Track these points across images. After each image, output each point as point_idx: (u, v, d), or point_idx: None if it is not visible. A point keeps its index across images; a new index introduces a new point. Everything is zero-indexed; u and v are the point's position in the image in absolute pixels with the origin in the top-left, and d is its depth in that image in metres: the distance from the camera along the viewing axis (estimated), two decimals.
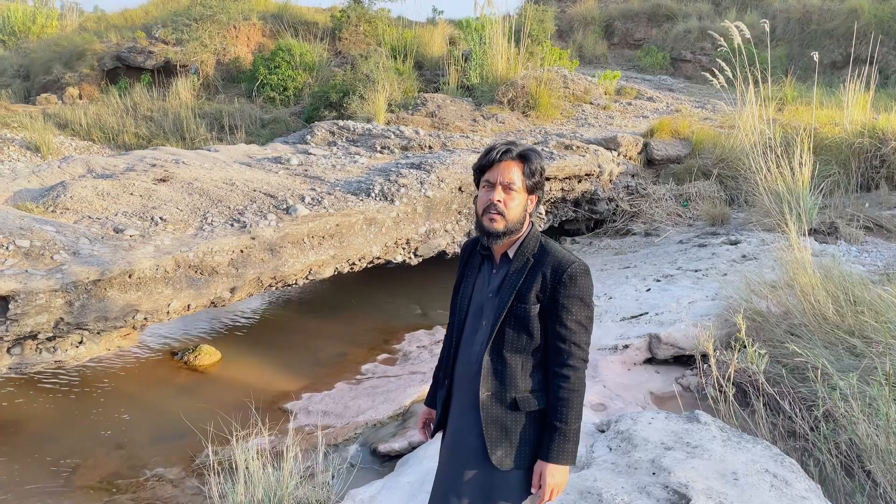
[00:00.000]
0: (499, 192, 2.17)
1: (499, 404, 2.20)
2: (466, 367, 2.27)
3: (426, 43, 13.43)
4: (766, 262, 5.63)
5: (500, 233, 2.19)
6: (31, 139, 10.07)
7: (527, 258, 2.22)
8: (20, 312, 3.92)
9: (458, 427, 2.29)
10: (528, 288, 2.19)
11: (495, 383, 2.20)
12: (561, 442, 2.15)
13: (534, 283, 2.18)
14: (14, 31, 17.18)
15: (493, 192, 2.18)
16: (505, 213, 2.17)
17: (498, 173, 2.18)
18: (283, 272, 5.15)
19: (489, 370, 2.21)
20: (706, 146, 8.94)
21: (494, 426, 2.20)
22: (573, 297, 2.16)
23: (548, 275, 2.18)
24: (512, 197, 2.18)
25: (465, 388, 2.27)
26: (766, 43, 9.44)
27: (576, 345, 2.17)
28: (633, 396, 4.57)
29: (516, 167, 2.19)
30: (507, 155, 2.18)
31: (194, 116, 11.25)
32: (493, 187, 2.19)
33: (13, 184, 5.48)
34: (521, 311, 2.18)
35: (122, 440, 4.53)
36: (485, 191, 2.22)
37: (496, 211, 2.17)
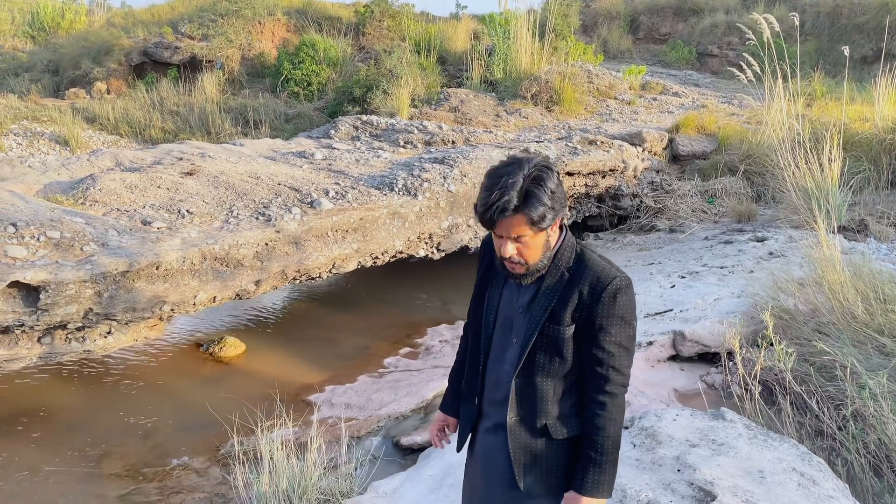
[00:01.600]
0: (510, 246, 1.92)
1: (527, 430, 2.04)
2: (495, 387, 2.10)
3: (449, 38, 13.40)
4: (794, 260, 5.55)
5: (524, 276, 2.00)
6: (60, 133, 10.24)
7: (561, 272, 2.00)
8: (50, 303, 3.99)
9: (488, 447, 2.13)
10: (562, 307, 1.97)
11: (524, 409, 2.03)
12: (596, 474, 1.98)
13: (569, 302, 1.97)
14: (43, 27, 17.45)
15: (503, 245, 1.93)
16: (524, 261, 1.95)
17: (502, 231, 1.90)
18: (307, 265, 5.19)
19: (518, 395, 2.03)
20: (733, 142, 8.83)
21: (523, 452, 2.05)
22: (614, 317, 1.94)
23: (585, 292, 1.96)
24: (525, 243, 1.92)
25: (494, 408, 2.11)
26: (796, 37, 9.28)
27: (615, 369, 1.96)
28: (656, 393, 4.54)
29: (519, 220, 1.86)
30: (503, 215, 1.85)
31: (219, 111, 11.35)
32: (502, 239, 1.93)
33: (44, 176, 5.57)
34: (555, 333, 1.98)
35: (148, 429, 4.60)
36: (496, 238, 1.97)
37: (513, 262, 1.96)
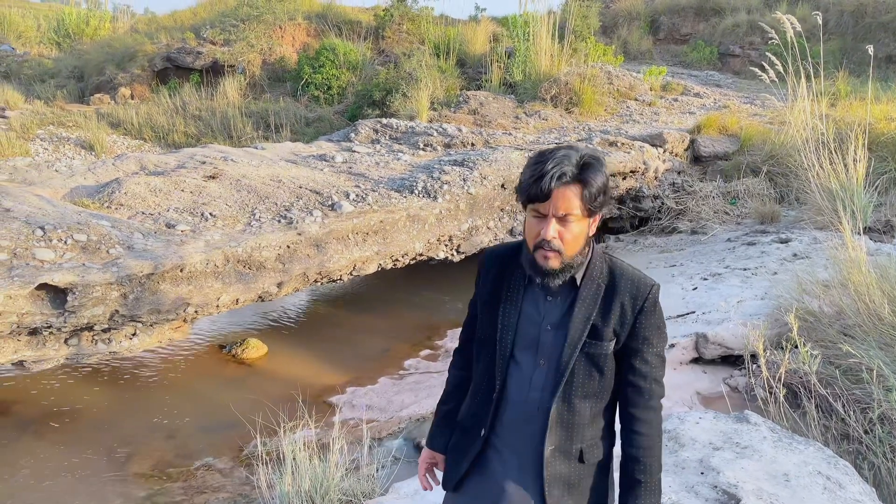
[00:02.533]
0: (553, 227, 1.74)
1: (564, 459, 1.86)
2: (524, 417, 1.86)
3: (469, 40, 13.42)
4: (819, 261, 5.49)
5: (556, 272, 1.79)
6: (85, 138, 10.40)
7: (597, 284, 1.84)
8: (77, 304, 4.05)
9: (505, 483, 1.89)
10: (604, 321, 1.82)
11: (562, 435, 1.84)
12: (647, 497, 1.85)
13: (611, 316, 1.82)
14: (69, 34, 17.74)
15: (545, 225, 1.74)
16: (562, 249, 1.76)
17: (550, 205, 1.73)
18: (328, 268, 5.22)
19: (557, 421, 1.83)
20: (755, 143, 8.75)
21: (557, 484, 1.85)
22: (654, 327, 1.85)
23: (626, 304, 1.83)
24: (569, 228, 1.75)
25: (519, 442, 1.88)
26: (819, 36, 9.17)
27: (657, 382, 1.87)
28: (679, 396, 4.51)
29: (574, 191, 1.72)
30: (560, 181, 1.70)
31: (241, 115, 11.46)
32: (545, 219, 1.75)
33: (70, 180, 5.66)
34: (597, 350, 1.82)
35: (173, 430, 4.65)
36: (534, 221, 1.78)
37: (551, 248, 1.75)
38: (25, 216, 4.40)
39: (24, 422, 4.67)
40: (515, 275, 1.90)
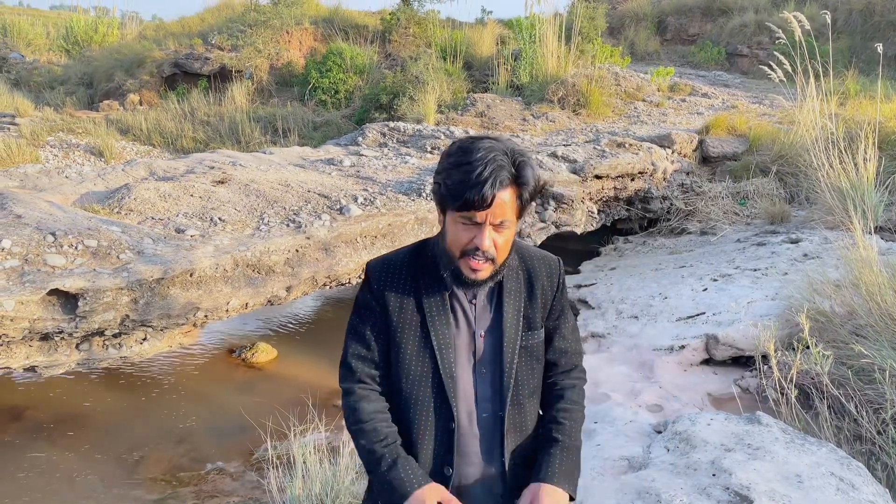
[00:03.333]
0: (488, 235, 1.59)
1: (521, 461, 1.76)
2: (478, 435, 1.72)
3: (475, 43, 13.44)
4: (830, 261, 5.45)
5: (484, 281, 1.66)
6: (94, 144, 10.46)
7: (516, 274, 1.75)
8: (88, 310, 4.07)
9: None
10: (533, 309, 1.76)
11: (515, 438, 1.75)
12: (566, 460, 1.71)
13: (537, 301, 1.76)
14: (77, 41, 17.87)
15: (478, 233, 1.59)
16: (494, 257, 1.62)
17: (489, 212, 1.57)
18: (337, 271, 5.23)
19: (511, 428, 1.73)
20: (764, 142, 8.71)
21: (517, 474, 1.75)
22: (566, 301, 1.82)
23: (546, 285, 1.77)
24: (503, 234, 1.62)
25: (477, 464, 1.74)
26: (828, 35, 9.13)
27: (577, 354, 1.84)
28: (689, 398, 4.49)
29: (511, 195, 1.59)
30: (502, 185, 1.55)
31: (249, 120, 11.50)
32: (477, 226, 1.59)
33: (80, 187, 5.70)
34: (534, 341, 1.75)
35: (183, 434, 4.67)
36: (462, 227, 1.61)
37: (484, 258, 1.61)
38: (36, 222, 4.42)
39: (36, 426, 4.70)
40: (430, 286, 1.71)
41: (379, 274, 1.75)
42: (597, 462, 3.20)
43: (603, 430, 3.60)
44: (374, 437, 1.69)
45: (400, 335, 1.72)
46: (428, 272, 1.72)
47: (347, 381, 1.77)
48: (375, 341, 1.75)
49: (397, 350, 1.73)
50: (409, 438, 1.73)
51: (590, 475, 3.04)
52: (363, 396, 1.74)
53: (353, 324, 1.78)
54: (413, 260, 1.76)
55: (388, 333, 1.74)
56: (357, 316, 1.78)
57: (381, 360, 1.76)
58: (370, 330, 1.75)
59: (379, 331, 1.75)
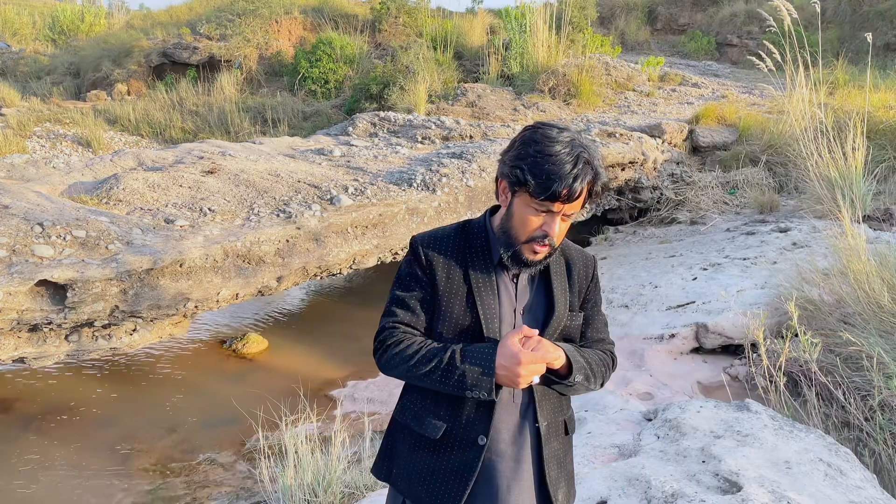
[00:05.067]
0: (558, 224, 1.70)
1: (555, 435, 1.83)
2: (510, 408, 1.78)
3: (466, 33, 13.40)
4: (818, 250, 5.49)
5: (538, 265, 1.77)
6: (82, 135, 10.38)
7: (558, 259, 1.84)
8: (77, 300, 4.05)
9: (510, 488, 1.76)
10: (574, 294, 1.86)
11: (549, 409, 1.81)
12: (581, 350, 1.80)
13: (575, 286, 1.86)
14: (64, 30, 17.69)
15: (550, 221, 1.68)
16: (556, 245, 1.74)
17: (568, 205, 1.67)
18: (328, 261, 5.22)
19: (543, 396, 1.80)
20: (754, 132, 8.74)
21: (553, 463, 1.81)
22: (599, 293, 1.93)
23: (581, 274, 1.87)
24: (567, 223, 1.75)
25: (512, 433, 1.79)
26: (817, 25, 9.16)
27: (611, 344, 1.93)
28: (680, 386, 4.52)
29: (585, 194, 1.69)
30: (583, 184, 1.65)
31: (238, 110, 11.44)
32: (550, 215, 1.68)
33: (68, 177, 5.65)
34: (575, 322, 1.85)
35: (174, 425, 4.66)
36: (534, 213, 1.69)
37: (549, 244, 1.71)
38: (24, 213, 4.39)
39: (27, 418, 4.68)
40: (479, 261, 1.79)
41: (428, 245, 1.81)
42: (587, 450, 3.22)
43: (593, 418, 3.62)
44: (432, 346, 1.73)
45: (446, 304, 1.77)
46: (474, 248, 1.80)
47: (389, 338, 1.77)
48: (420, 309, 1.79)
49: (442, 318, 1.78)
50: (447, 405, 1.76)
51: (581, 462, 3.05)
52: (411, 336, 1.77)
53: (396, 295, 1.82)
54: (459, 236, 1.83)
55: (432, 303, 1.79)
56: (401, 287, 1.82)
57: (425, 327, 1.80)
58: (415, 299, 1.79)
59: (423, 300, 1.79)
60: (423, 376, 1.70)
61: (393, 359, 1.74)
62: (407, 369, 1.72)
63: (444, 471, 1.75)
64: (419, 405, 1.81)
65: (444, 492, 1.75)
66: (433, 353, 1.70)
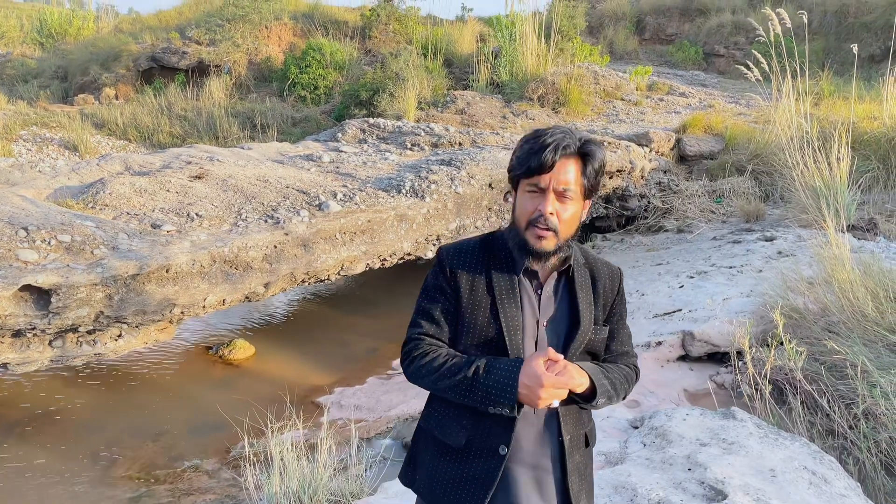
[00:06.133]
0: (551, 202, 1.69)
1: (577, 448, 1.82)
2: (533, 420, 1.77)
3: (456, 40, 13.44)
4: (803, 259, 5.53)
5: (549, 253, 1.73)
6: (69, 138, 10.31)
7: (583, 271, 1.84)
8: (62, 306, 4.01)
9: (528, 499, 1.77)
10: (599, 307, 1.84)
11: (572, 423, 1.81)
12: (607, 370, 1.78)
13: (599, 300, 1.84)
14: (51, 34, 17.57)
15: (542, 200, 1.70)
16: (557, 228, 1.70)
17: (552, 177, 1.68)
18: (316, 267, 5.20)
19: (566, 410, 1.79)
20: (740, 142, 8.81)
21: (575, 475, 1.81)
22: (624, 308, 1.90)
23: (607, 288, 1.85)
24: (566, 206, 1.71)
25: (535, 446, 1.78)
26: (804, 35, 9.26)
27: (635, 358, 1.92)
28: (666, 393, 4.53)
29: (574, 165, 1.70)
30: (564, 152, 1.67)
31: (227, 115, 11.41)
32: (544, 193, 1.70)
33: (54, 181, 5.61)
34: (599, 336, 1.83)
35: (159, 432, 4.62)
36: (529, 197, 1.72)
37: (546, 226, 1.70)
38: (8, 217, 4.35)
39: (9, 424, 4.62)
40: (502, 272, 1.78)
41: (452, 257, 1.82)
42: None
43: None
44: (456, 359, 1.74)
45: (470, 315, 1.78)
46: (498, 258, 1.80)
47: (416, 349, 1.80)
48: (445, 321, 1.81)
49: (466, 329, 1.78)
50: (469, 414, 1.76)
51: None
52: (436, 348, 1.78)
53: (422, 306, 1.84)
54: (484, 247, 1.83)
55: (456, 315, 1.80)
56: (427, 298, 1.84)
57: (449, 338, 1.82)
58: (440, 311, 1.81)
59: (448, 311, 1.81)
60: (448, 389, 1.72)
61: (419, 370, 1.76)
62: (432, 381, 1.74)
63: (465, 479, 1.77)
64: (443, 413, 1.82)
65: (464, 499, 1.76)
66: (458, 367, 1.71)
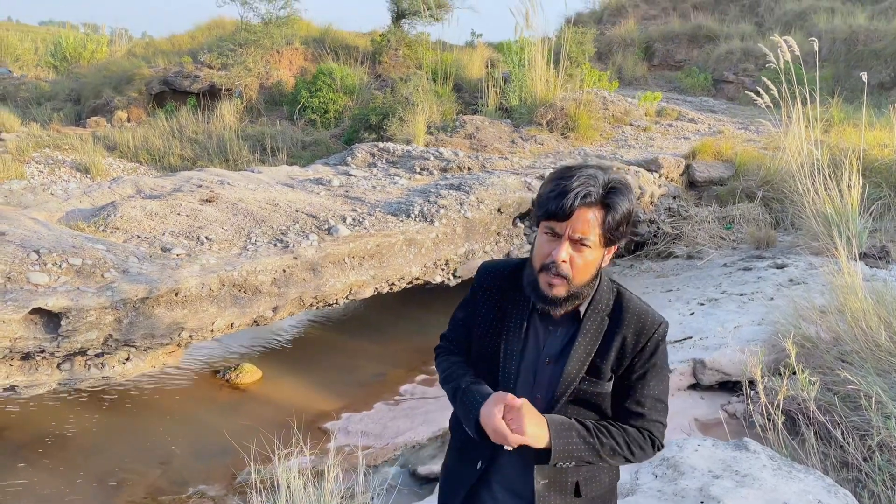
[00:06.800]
0: (565, 250, 1.62)
1: (558, 493, 1.75)
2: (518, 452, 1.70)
3: (465, 66, 13.54)
4: (815, 287, 5.49)
5: (560, 300, 1.67)
6: (81, 161, 10.40)
7: (601, 317, 1.72)
8: (71, 329, 4.02)
9: None
10: (603, 358, 1.71)
11: (553, 470, 1.72)
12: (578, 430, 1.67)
13: (611, 352, 1.71)
14: (66, 57, 17.83)
15: (557, 246, 1.62)
16: (570, 276, 1.63)
17: (568, 225, 1.60)
18: (325, 292, 5.20)
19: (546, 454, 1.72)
20: (750, 168, 8.80)
21: None
22: (653, 367, 1.72)
23: (629, 339, 1.71)
24: (583, 254, 1.63)
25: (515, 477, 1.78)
26: (813, 62, 9.28)
27: (653, 423, 1.72)
28: (677, 423, 4.47)
29: (595, 214, 1.60)
30: (584, 201, 1.58)
31: (237, 139, 11.49)
32: (559, 239, 1.62)
33: (65, 204, 5.64)
34: (593, 388, 1.72)
35: (165, 457, 4.59)
36: (546, 240, 1.65)
37: (558, 273, 1.63)
38: (20, 240, 4.37)
39: (16, 447, 4.61)
40: (518, 300, 1.77)
41: (484, 275, 1.88)
42: None
43: None
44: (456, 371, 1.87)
45: (478, 333, 1.86)
46: (518, 287, 1.79)
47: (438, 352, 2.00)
48: (463, 330, 1.94)
49: (475, 343, 1.88)
50: None
51: None
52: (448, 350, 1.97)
53: (454, 314, 1.99)
54: (514, 271, 1.83)
55: (471, 328, 1.90)
56: (459, 307, 1.98)
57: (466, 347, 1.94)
58: (462, 321, 1.94)
59: (467, 323, 1.92)
60: (447, 392, 1.87)
61: (437, 369, 1.96)
62: (441, 381, 1.92)
63: (455, 475, 1.93)
64: None
65: (447, 493, 1.94)
66: (451, 378, 1.85)
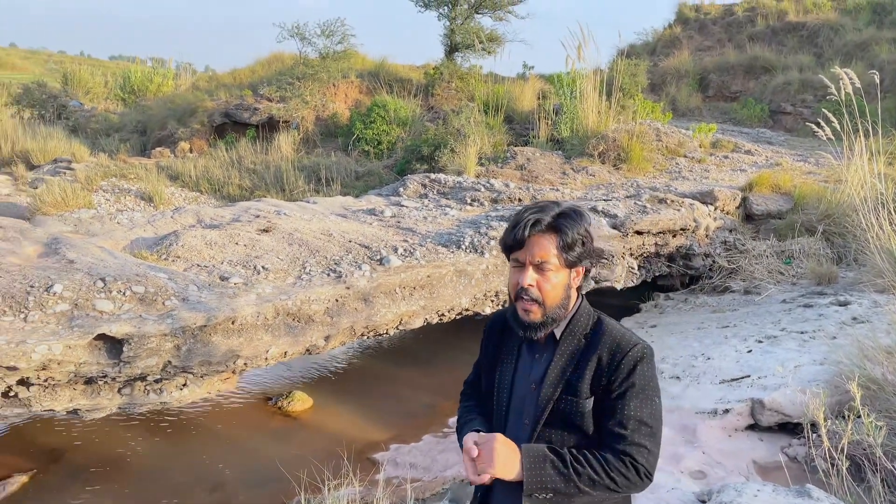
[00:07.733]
0: (529, 275, 1.80)
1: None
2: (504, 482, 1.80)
3: (516, 97, 13.63)
4: (880, 326, 5.28)
5: (537, 324, 1.82)
6: (145, 189, 10.81)
7: (578, 339, 1.84)
8: (133, 355, 4.14)
9: None
10: (579, 377, 1.80)
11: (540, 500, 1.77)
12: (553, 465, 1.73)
13: (587, 370, 1.79)
14: (134, 90, 18.65)
15: (522, 273, 1.81)
16: (540, 298, 1.80)
17: (526, 252, 1.80)
18: (375, 322, 5.25)
19: None
20: (810, 201, 8.56)
21: None
22: (632, 387, 1.76)
23: (604, 359, 1.79)
24: (547, 277, 1.80)
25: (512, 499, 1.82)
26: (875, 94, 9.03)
27: (634, 445, 1.74)
28: (734, 465, 4.33)
29: (549, 240, 1.79)
30: (534, 228, 1.79)
31: (294, 169, 11.77)
32: (523, 267, 1.81)
33: (130, 233, 5.86)
34: (571, 407, 1.79)
35: (217, 482, 4.66)
36: (514, 271, 1.85)
37: (529, 297, 1.80)
38: (88, 267, 4.55)
39: (75, 469, 4.75)
40: (511, 337, 1.96)
41: (491, 321, 2.09)
42: None
43: (643, 497, 3.49)
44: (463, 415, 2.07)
45: (484, 373, 2.05)
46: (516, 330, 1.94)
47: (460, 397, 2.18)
48: (477, 372, 2.13)
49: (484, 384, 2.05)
50: None
51: None
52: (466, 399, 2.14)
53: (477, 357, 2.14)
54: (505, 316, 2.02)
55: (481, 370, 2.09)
56: (480, 348, 2.12)
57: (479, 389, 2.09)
58: (476, 365, 2.14)
59: (478, 366, 2.12)
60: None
61: None
62: None
63: None
64: None
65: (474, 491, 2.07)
66: (459, 422, 2.07)
